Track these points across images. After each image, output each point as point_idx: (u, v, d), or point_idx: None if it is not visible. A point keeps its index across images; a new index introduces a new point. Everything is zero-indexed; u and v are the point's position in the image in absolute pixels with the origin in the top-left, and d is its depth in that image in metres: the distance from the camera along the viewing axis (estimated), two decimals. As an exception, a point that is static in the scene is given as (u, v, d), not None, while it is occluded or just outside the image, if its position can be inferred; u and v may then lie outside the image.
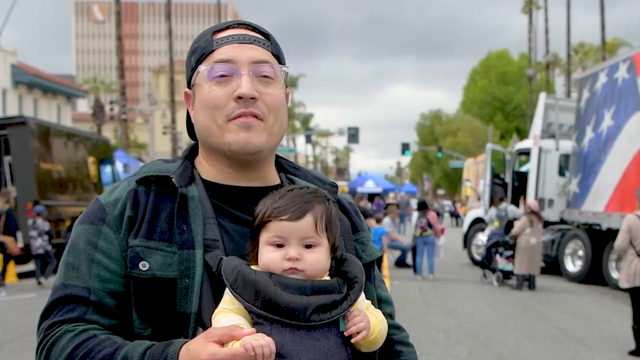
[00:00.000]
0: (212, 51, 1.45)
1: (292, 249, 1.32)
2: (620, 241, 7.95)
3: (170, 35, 38.47)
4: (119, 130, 34.20)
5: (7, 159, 14.92)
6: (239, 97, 1.41)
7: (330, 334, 1.29)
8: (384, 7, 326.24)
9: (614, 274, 12.18)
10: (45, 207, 13.86)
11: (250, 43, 1.46)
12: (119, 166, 24.92)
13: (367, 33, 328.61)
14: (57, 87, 40.70)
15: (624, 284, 8.00)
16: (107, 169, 18.85)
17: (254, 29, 1.50)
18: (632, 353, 7.93)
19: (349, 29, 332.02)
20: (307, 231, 1.33)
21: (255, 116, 1.41)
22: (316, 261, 1.32)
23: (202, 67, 1.45)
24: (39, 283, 12.84)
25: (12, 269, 13.49)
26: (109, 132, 50.95)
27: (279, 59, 1.50)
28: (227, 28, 1.49)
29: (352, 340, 1.32)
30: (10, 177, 14.88)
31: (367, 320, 1.33)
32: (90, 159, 18.00)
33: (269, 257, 1.32)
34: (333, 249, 1.39)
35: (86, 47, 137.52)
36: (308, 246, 1.33)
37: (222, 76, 1.43)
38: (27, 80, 37.19)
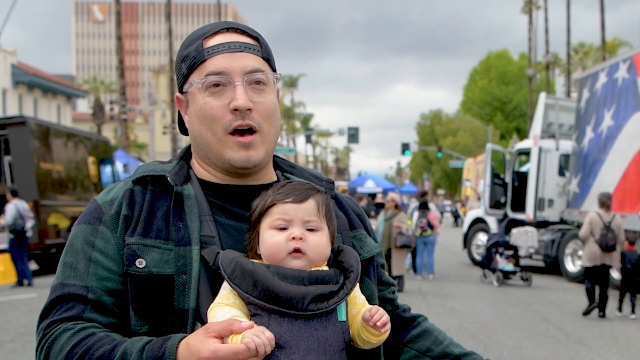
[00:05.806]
0: (204, 61, 1.45)
1: (296, 229, 1.34)
2: (583, 231, 10.47)
3: (170, 35, 38.51)
4: (119, 130, 34.24)
5: (7, 159, 14.93)
6: (235, 109, 1.42)
7: (327, 323, 1.30)
8: (389, 7, 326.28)
9: (615, 274, 12.18)
10: None
11: (242, 51, 1.45)
12: (119, 166, 24.94)
13: (369, 32, 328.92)
14: (57, 87, 40.73)
15: (585, 263, 10.45)
16: (107, 169, 18.86)
17: (243, 32, 1.49)
18: (585, 314, 10.25)
19: (352, 28, 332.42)
20: (310, 213, 1.36)
21: (252, 127, 1.43)
22: (319, 244, 1.35)
23: (196, 80, 1.45)
24: None
25: (12, 268, 13.48)
26: (109, 132, 51.00)
27: (270, 62, 1.51)
28: (216, 33, 1.48)
29: (382, 330, 1.33)
30: (10, 177, 14.89)
31: (387, 316, 1.36)
32: (90, 159, 18.01)
33: (273, 240, 1.34)
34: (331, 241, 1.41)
35: (86, 47, 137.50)
36: (310, 230, 1.36)
37: (215, 85, 1.43)
38: (27, 80, 37.22)
